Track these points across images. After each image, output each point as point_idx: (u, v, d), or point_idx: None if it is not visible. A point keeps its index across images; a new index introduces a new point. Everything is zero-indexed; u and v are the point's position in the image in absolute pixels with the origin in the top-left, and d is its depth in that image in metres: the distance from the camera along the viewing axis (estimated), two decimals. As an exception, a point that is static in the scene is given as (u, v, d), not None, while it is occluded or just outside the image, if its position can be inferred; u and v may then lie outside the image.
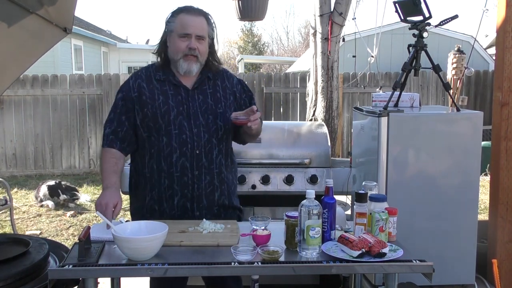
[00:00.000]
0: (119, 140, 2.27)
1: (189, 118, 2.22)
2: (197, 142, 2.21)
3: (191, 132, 2.21)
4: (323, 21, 4.53)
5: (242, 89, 2.41)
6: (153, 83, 2.27)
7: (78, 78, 8.12)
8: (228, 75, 2.40)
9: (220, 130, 2.27)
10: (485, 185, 5.52)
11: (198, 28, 2.18)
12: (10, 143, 7.96)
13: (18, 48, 2.81)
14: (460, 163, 2.79)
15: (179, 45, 2.18)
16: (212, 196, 2.27)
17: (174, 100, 2.23)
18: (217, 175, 2.28)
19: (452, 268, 2.77)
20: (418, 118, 2.83)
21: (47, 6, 2.60)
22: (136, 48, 18.63)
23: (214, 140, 2.25)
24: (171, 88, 2.26)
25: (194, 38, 2.17)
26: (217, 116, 2.26)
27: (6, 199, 4.27)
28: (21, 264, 1.98)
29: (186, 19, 2.18)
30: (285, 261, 1.75)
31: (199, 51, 2.18)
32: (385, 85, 7.63)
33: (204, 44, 2.21)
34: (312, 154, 3.31)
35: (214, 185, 2.27)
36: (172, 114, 2.21)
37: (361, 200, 1.93)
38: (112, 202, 2.03)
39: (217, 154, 2.27)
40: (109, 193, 2.08)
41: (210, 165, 2.25)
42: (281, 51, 31.88)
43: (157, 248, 1.78)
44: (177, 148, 2.20)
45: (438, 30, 9.44)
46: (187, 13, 2.19)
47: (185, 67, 2.19)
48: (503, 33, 3.01)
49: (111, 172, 2.19)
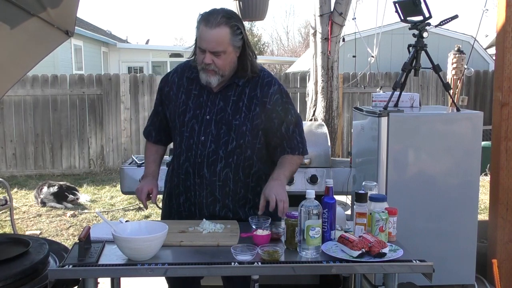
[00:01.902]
0: (155, 130, 2.37)
1: (201, 124, 2.13)
2: (201, 151, 2.12)
3: (198, 139, 2.13)
4: (323, 21, 4.53)
5: (281, 99, 2.16)
6: (183, 80, 2.22)
7: (78, 78, 8.12)
8: (265, 83, 2.14)
9: (230, 143, 2.11)
10: (485, 185, 5.52)
11: (212, 44, 1.99)
12: (10, 143, 7.96)
13: (20, 50, 2.81)
14: (460, 163, 2.79)
15: (198, 56, 2.08)
16: (213, 207, 2.17)
17: (195, 101, 2.16)
18: (220, 188, 2.14)
19: (452, 268, 2.77)
20: (418, 118, 2.83)
21: (49, 9, 2.60)
22: (136, 48, 18.66)
23: (221, 153, 2.11)
24: (196, 88, 2.17)
25: (209, 54, 2.01)
26: (232, 128, 2.10)
27: (6, 199, 4.26)
28: (21, 264, 1.98)
29: (203, 33, 2.00)
30: (285, 261, 1.75)
31: (216, 65, 2.03)
32: (385, 85, 7.63)
33: (222, 57, 2.03)
34: (312, 154, 3.31)
35: (215, 197, 2.16)
36: (187, 115, 2.15)
37: (361, 200, 1.93)
38: (146, 188, 2.23)
39: (223, 168, 2.12)
40: (145, 181, 2.28)
41: (212, 177, 2.13)
42: (281, 51, 31.91)
43: (157, 248, 1.78)
44: (184, 151, 2.17)
45: (438, 30, 9.44)
46: (206, 24, 1.99)
47: (204, 78, 2.07)
48: (503, 33, 3.01)
49: (151, 161, 2.36)
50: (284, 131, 2.18)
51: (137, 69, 17.39)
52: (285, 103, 2.18)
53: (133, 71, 16.92)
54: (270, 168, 2.23)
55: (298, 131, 2.22)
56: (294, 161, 2.20)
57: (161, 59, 18.20)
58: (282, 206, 1.98)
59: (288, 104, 2.20)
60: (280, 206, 1.98)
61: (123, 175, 3.29)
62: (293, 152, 2.20)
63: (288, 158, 2.19)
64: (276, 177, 2.09)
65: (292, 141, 2.20)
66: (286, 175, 2.14)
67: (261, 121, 2.14)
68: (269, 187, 2.05)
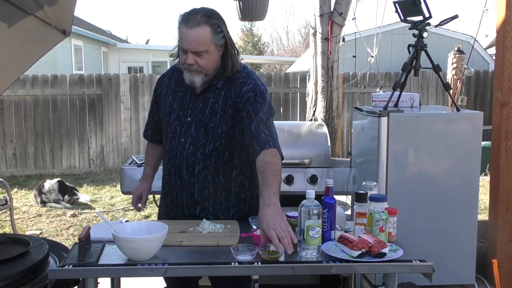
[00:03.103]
0: (151, 129, 2.43)
1: (182, 126, 2.15)
2: (180, 152, 2.14)
3: (179, 141, 2.15)
4: (323, 21, 4.53)
5: (253, 98, 2.07)
6: (171, 82, 2.26)
7: (78, 78, 8.12)
8: (239, 83, 2.10)
9: (207, 146, 2.11)
10: (485, 185, 5.52)
11: (194, 44, 1.98)
12: (10, 143, 7.96)
13: (17, 50, 2.81)
14: (460, 163, 2.79)
15: (181, 57, 2.08)
16: (193, 209, 2.18)
17: (179, 103, 2.18)
18: (199, 190, 2.15)
19: (452, 268, 2.77)
20: (418, 118, 2.83)
21: (46, 8, 2.60)
22: (136, 48, 18.66)
23: (199, 155, 2.12)
24: (182, 89, 2.20)
25: (191, 54, 2.01)
26: (208, 130, 2.10)
27: (6, 199, 4.27)
28: (21, 264, 1.98)
29: (184, 33, 1.99)
30: (285, 261, 1.75)
31: (199, 65, 2.02)
32: (385, 85, 7.64)
33: (205, 57, 2.02)
34: (312, 154, 3.31)
35: (195, 199, 2.17)
36: (172, 117, 2.19)
37: (361, 200, 1.93)
38: (136, 192, 2.43)
39: (201, 170, 2.12)
40: (138, 185, 2.49)
41: (191, 179, 2.14)
42: (281, 51, 31.89)
43: (157, 248, 1.78)
44: (168, 152, 2.22)
45: (438, 30, 9.44)
46: (186, 25, 1.98)
47: (188, 78, 2.07)
48: (503, 33, 3.01)
49: (147, 164, 2.49)
50: (254, 129, 2.04)
51: (137, 69, 17.39)
52: (257, 102, 2.07)
53: (133, 71, 16.92)
54: (252, 172, 2.17)
55: (265, 126, 2.05)
56: (273, 168, 1.98)
57: (161, 59, 18.19)
58: (287, 242, 1.74)
59: (262, 103, 2.07)
60: (285, 242, 1.74)
61: (123, 175, 3.29)
62: (263, 148, 2.00)
63: (267, 167, 1.97)
64: (268, 202, 1.85)
65: (259, 137, 2.02)
66: (275, 192, 1.91)
67: (236, 121, 2.10)
68: (264, 219, 1.80)
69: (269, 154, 2.01)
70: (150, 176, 2.46)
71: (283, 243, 1.74)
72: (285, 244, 1.74)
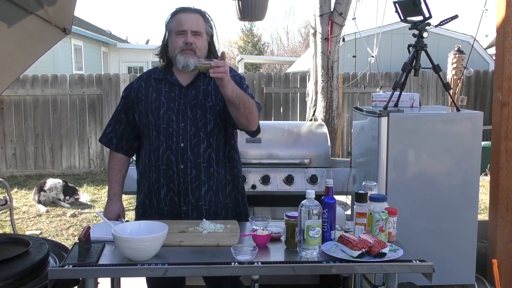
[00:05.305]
0: (116, 137, 2.39)
1: (178, 113, 2.24)
2: (182, 136, 2.22)
3: (178, 126, 2.23)
4: (323, 21, 4.53)
5: (240, 80, 2.28)
6: (151, 82, 2.35)
7: (78, 78, 8.12)
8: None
9: (209, 124, 2.24)
10: (485, 185, 5.52)
11: (194, 24, 2.22)
12: (10, 143, 7.96)
13: (17, 48, 2.81)
14: (460, 163, 2.79)
15: (176, 41, 2.23)
16: (198, 191, 2.24)
17: (167, 97, 2.28)
18: (205, 170, 2.24)
19: (452, 268, 2.77)
20: (418, 118, 2.83)
21: (46, 7, 2.60)
22: (136, 48, 18.65)
23: (202, 134, 2.23)
24: (166, 86, 2.31)
25: (190, 34, 2.20)
26: (206, 110, 2.24)
27: (6, 199, 4.27)
28: (21, 264, 1.98)
29: (182, 17, 2.24)
30: (285, 261, 1.75)
31: (196, 46, 2.21)
32: (385, 85, 7.63)
33: (201, 39, 2.24)
34: (312, 154, 3.31)
35: (201, 180, 2.24)
36: (162, 109, 2.25)
37: (361, 200, 1.93)
38: (113, 215, 2.36)
39: (206, 148, 2.24)
40: (110, 205, 2.40)
41: (197, 159, 2.23)
42: (281, 51, 31.88)
43: (157, 248, 1.78)
44: (164, 141, 2.24)
45: (438, 30, 9.44)
46: (183, 12, 2.26)
47: (182, 60, 2.21)
48: (503, 33, 3.01)
49: (113, 182, 2.43)
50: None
51: (137, 69, 17.38)
52: (242, 84, 2.27)
53: (133, 71, 16.91)
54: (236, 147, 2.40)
55: (248, 94, 2.20)
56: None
57: (161, 59, 18.15)
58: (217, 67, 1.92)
59: (247, 86, 2.31)
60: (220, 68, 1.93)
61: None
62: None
63: None
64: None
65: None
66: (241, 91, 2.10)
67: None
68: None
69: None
70: (120, 194, 2.45)
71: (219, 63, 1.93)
72: (218, 63, 1.93)
